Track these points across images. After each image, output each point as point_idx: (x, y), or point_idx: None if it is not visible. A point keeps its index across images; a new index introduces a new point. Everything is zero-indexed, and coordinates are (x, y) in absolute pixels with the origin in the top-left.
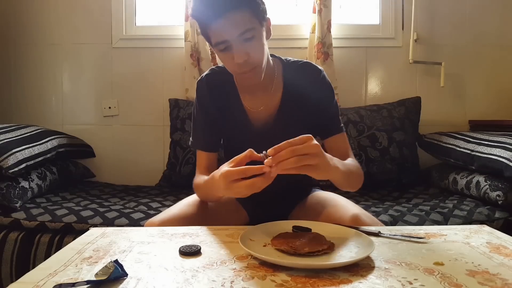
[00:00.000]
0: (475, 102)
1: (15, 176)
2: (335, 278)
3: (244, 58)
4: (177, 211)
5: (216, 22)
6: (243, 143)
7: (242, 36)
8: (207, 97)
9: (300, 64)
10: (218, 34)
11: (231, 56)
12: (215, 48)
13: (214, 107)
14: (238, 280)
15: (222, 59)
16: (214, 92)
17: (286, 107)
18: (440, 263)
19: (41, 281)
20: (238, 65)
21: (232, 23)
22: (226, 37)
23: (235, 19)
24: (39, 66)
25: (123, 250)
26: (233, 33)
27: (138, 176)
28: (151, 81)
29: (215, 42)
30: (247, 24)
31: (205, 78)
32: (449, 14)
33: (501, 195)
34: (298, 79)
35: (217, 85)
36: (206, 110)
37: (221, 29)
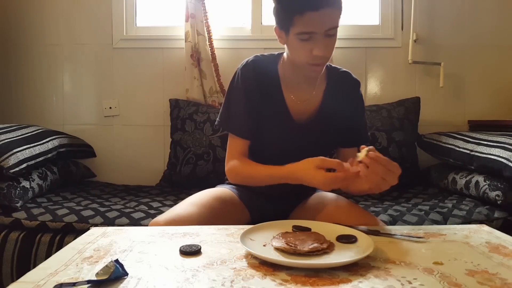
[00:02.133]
0: (474, 102)
1: (16, 176)
2: (334, 278)
3: (324, 52)
4: (183, 211)
5: (312, 13)
6: (280, 134)
7: (328, 32)
8: (252, 82)
9: (342, 71)
10: (309, 24)
11: (310, 47)
12: (296, 36)
13: (259, 93)
14: (238, 280)
15: (298, 47)
16: (257, 78)
17: (327, 107)
18: (440, 263)
19: (42, 281)
20: (314, 56)
21: (327, 18)
22: (317, 29)
23: (330, 14)
24: (40, 66)
25: (124, 250)
26: (324, 26)
27: (138, 176)
28: (152, 81)
29: (301, 31)
30: (336, 22)
31: (251, 63)
32: (448, 14)
33: (500, 195)
34: (339, 85)
35: (261, 73)
36: (251, 95)
37: (314, 21)
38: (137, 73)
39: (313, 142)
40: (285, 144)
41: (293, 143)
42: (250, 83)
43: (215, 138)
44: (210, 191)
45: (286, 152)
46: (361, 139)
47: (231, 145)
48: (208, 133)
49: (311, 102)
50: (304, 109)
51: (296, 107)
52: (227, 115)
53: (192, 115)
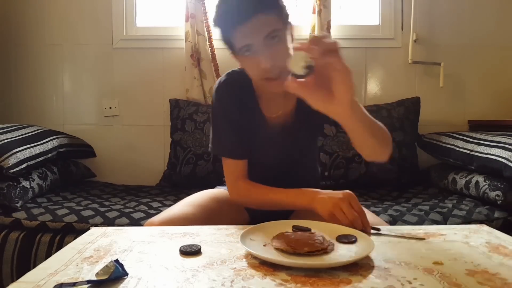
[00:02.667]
0: (474, 102)
1: (16, 176)
2: (334, 278)
3: (271, 62)
4: (178, 211)
5: (241, 26)
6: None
7: (267, 39)
8: (229, 102)
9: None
10: (243, 38)
11: (256, 61)
12: (239, 55)
13: (236, 111)
14: (238, 280)
15: (247, 65)
16: (234, 96)
17: (301, 112)
18: (440, 263)
19: (42, 281)
20: (264, 70)
21: (258, 26)
22: (251, 40)
23: (260, 21)
24: (40, 66)
25: (124, 250)
26: (258, 35)
27: (138, 176)
28: (152, 81)
29: (239, 47)
30: (272, 26)
31: (223, 82)
32: (448, 14)
33: (500, 195)
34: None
35: (236, 89)
36: (232, 115)
37: (246, 33)
38: (137, 73)
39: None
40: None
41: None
42: (227, 102)
43: None
44: (207, 192)
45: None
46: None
47: (229, 168)
48: (208, 133)
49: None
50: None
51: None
52: (217, 139)
53: (192, 115)
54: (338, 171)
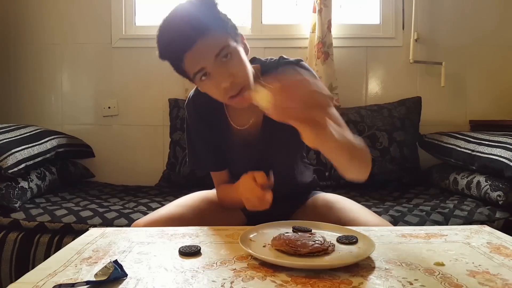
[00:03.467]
0: (475, 102)
1: (14, 176)
2: (335, 279)
3: (229, 79)
4: (165, 212)
5: (188, 53)
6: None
7: (219, 58)
8: (197, 118)
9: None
10: (193, 64)
11: (214, 83)
12: (196, 81)
13: (206, 126)
14: (238, 281)
15: (207, 89)
16: (202, 111)
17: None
18: (441, 264)
19: (41, 282)
20: (225, 89)
21: (204, 49)
22: (203, 63)
23: (205, 43)
24: (39, 65)
25: (123, 251)
26: (208, 58)
27: (137, 176)
28: (151, 81)
29: (193, 73)
30: (219, 45)
31: (191, 100)
32: (449, 14)
33: (501, 195)
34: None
35: (204, 104)
36: (201, 129)
37: (194, 59)
38: (136, 72)
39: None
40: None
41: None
42: (196, 119)
43: None
44: (200, 193)
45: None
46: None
47: (213, 179)
48: None
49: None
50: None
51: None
52: (192, 154)
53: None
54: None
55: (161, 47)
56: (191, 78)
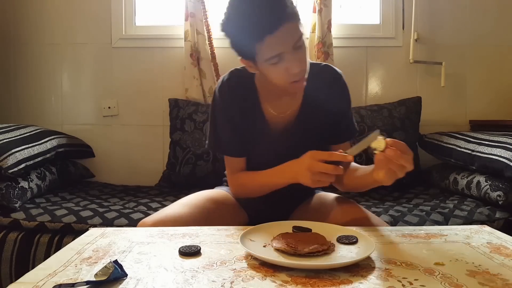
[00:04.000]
0: (475, 102)
1: (14, 176)
2: (335, 279)
3: (300, 66)
4: (172, 212)
5: (272, 36)
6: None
7: (295, 45)
8: (229, 101)
9: (322, 66)
10: (272, 48)
11: (284, 67)
12: (266, 63)
13: (237, 111)
14: (238, 281)
15: (272, 72)
16: (236, 96)
17: (306, 112)
18: (441, 264)
19: (41, 281)
20: (293, 75)
21: (288, 34)
22: (282, 49)
23: (290, 29)
24: (39, 66)
25: (123, 251)
26: (289, 44)
27: (137, 176)
28: (151, 81)
29: (269, 57)
30: (298, 33)
31: (226, 81)
32: (449, 14)
33: (501, 195)
34: (319, 82)
35: (238, 89)
36: (232, 114)
37: (277, 42)
38: (136, 72)
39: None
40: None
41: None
42: (228, 102)
43: None
44: (203, 192)
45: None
46: (349, 133)
47: (228, 165)
48: None
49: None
50: (283, 120)
51: (275, 120)
52: (215, 137)
53: (191, 115)
54: None
55: (241, 29)
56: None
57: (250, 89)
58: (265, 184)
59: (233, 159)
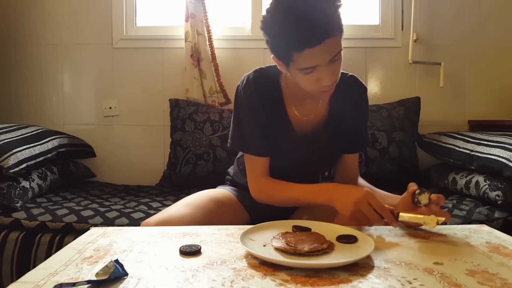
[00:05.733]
0: (474, 102)
1: (15, 176)
2: (334, 278)
3: (333, 79)
4: (175, 212)
5: (311, 50)
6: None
7: (333, 59)
8: (255, 99)
9: (348, 77)
10: (310, 60)
11: (316, 77)
12: (299, 71)
13: (262, 110)
14: (238, 280)
15: (304, 79)
16: (261, 94)
17: (333, 119)
18: (440, 263)
19: (42, 281)
20: (323, 86)
21: (327, 50)
22: (319, 62)
23: (330, 45)
24: (40, 66)
25: (124, 250)
26: (326, 58)
27: (138, 176)
28: (152, 81)
29: (304, 67)
30: (338, 48)
31: (252, 80)
32: (448, 14)
33: (500, 195)
34: (345, 92)
35: (264, 88)
36: (257, 112)
37: (315, 55)
38: (137, 73)
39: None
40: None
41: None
42: (254, 101)
43: (215, 138)
44: (206, 192)
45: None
46: (362, 143)
47: (252, 165)
48: (208, 133)
49: (317, 115)
50: (310, 122)
51: (299, 123)
52: (240, 136)
53: (192, 115)
54: None
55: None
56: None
57: (275, 89)
58: (296, 199)
59: (257, 159)
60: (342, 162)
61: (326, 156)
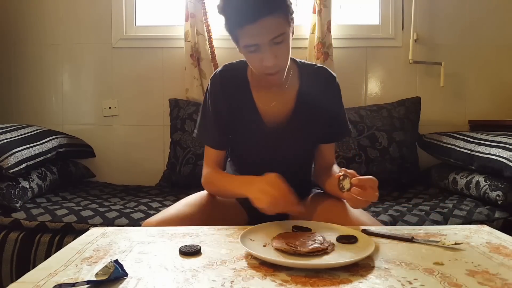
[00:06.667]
0: (474, 102)
1: (15, 176)
2: (335, 278)
3: (273, 61)
4: (175, 211)
5: (251, 25)
6: (255, 142)
7: (273, 41)
8: (220, 95)
9: (316, 67)
10: (250, 37)
11: (259, 57)
12: (243, 49)
13: (227, 106)
14: (238, 280)
15: (249, 59)
16: (227, 89)
17: (301, 108)
18: (440, 263)
19: (41, 281)
20: (265, 66)
21: (266, 28)
22: (258, 41)
23: (269, 24)
24: (40, 66)
25: (123, 250)
26: (265, 37)
27: (138, 176)
28: (151, 81)
29: (245, 45)
30: (280, 29)
31: (218, 74)
32: (449, 14)
33: (500, 195)
34: (313, 82)
35: (230, 82)
36: (219, 109)
37: (254, 33)
38: (136, 73)
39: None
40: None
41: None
42: (217, 96)
43: None
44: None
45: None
46: (342, 133)
47: (206, 155)
48: None
49: (283, 106)
50: (278, 113)
51: (269, 112)
52: (201, 127)
53: (191, 115)
54: None
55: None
56: (240, 46)
57: (242, 81)
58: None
59: (212, 150)
60: (318, 151)
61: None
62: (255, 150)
